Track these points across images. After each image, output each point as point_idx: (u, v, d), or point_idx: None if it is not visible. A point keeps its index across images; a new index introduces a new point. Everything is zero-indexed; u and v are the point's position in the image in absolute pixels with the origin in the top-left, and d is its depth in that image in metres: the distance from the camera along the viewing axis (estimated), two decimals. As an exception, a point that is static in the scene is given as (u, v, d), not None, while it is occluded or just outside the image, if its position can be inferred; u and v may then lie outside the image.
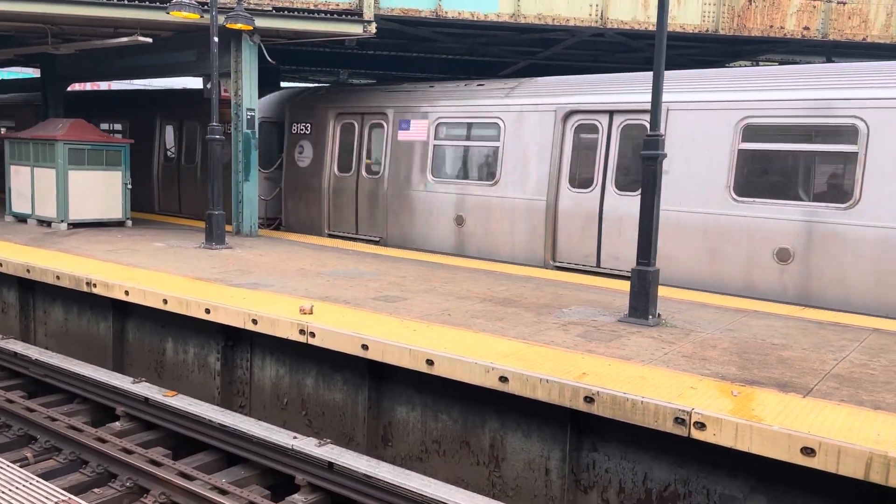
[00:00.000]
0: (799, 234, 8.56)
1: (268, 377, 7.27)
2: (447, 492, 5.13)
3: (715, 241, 9.23)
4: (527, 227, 10.98)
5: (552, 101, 10.86)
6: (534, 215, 10.88)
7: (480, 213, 11.47)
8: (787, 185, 8.98)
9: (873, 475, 4.10)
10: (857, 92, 8.44)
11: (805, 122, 8.73)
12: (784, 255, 8.64)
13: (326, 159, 13.44)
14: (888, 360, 6.02)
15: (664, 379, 5.28)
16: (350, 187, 13.25)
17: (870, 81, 8.47)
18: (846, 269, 8.29)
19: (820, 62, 15.73)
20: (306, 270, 9.44)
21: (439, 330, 6.50)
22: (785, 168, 9.11)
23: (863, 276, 8.21)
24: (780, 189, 8.98)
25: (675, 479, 5.04)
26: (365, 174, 13.04)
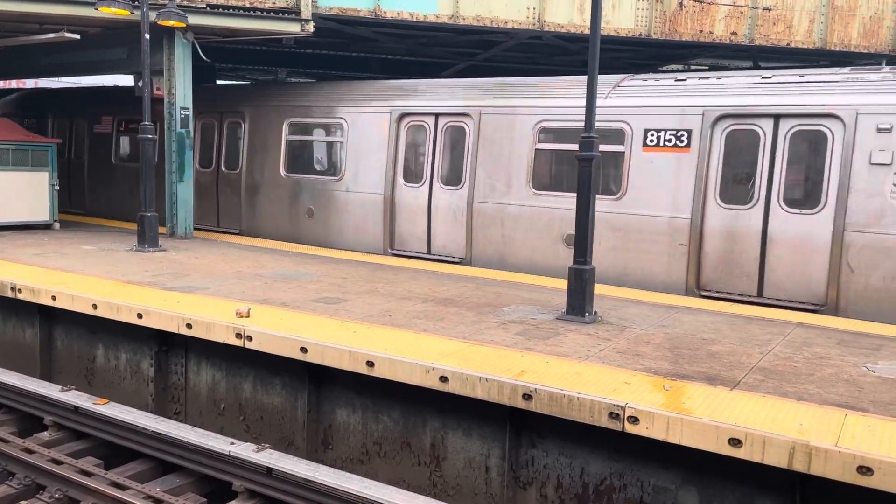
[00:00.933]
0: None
1: (204, 382, 7.13)
2: (387, 493, 5.12)
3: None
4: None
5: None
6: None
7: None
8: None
9: (796, 464, 4.29)
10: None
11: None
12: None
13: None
14: (811, 353, 6.29)
15: (600, 375, 5.40)
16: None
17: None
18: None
19: (747, 66, 16.31)
20: (244, 272, 9.29)
21: (380, 331, 6.49)
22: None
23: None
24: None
25: (610, 473, 5.15)
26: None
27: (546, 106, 10.50)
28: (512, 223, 10.71)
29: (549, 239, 10.41)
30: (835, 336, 7.00)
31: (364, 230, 12.11)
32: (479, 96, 11.20)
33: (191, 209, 12.36)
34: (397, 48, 16.75)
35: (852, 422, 4.59)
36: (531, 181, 10.54)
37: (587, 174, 7.15)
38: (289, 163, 12.96)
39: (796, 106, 8.79)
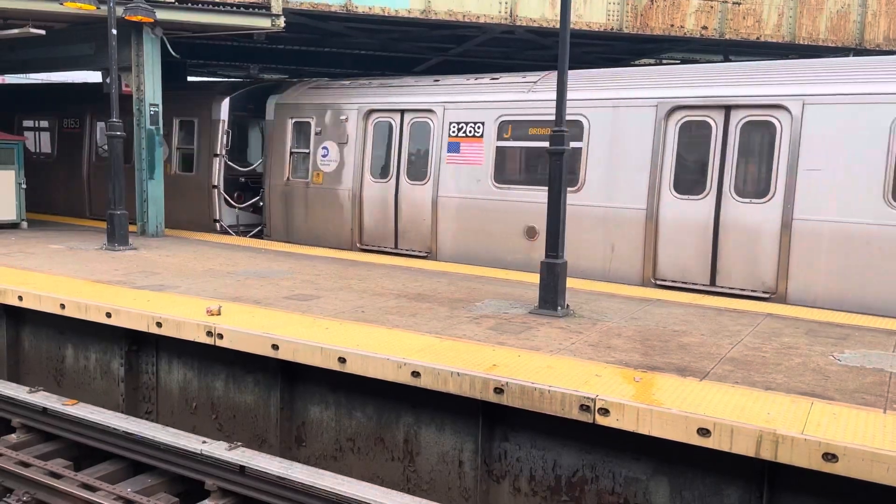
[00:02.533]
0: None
1: (175, 381, 7.06)
2: (361, 489, 5.12)
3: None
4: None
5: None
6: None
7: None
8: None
9: (763, 452, 4.35)
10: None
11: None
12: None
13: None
14: (780, 343, 6.38)
15: (571, 368, 5.43)
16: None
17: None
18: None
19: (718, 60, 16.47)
20: (215, 270, 9.20)
21: (352, 327, 6.47)
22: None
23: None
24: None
25: (582, 465, 5.19)
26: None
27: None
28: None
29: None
30: (803, 326, 7.11)
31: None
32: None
33: (161, 207, 12.21)
34: (370, 43, 16.68)
35: (818, 410, 4.67)
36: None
37: (558, 168, 7.18)
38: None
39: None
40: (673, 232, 9.32)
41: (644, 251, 9.47)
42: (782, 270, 8.60)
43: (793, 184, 8.53)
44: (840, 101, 8.39)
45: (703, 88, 9.27)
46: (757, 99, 8.84)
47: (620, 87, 9.99)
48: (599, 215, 9.81)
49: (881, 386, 5.22)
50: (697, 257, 9.19)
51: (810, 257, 8.49)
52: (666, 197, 9.34)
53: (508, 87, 10.92)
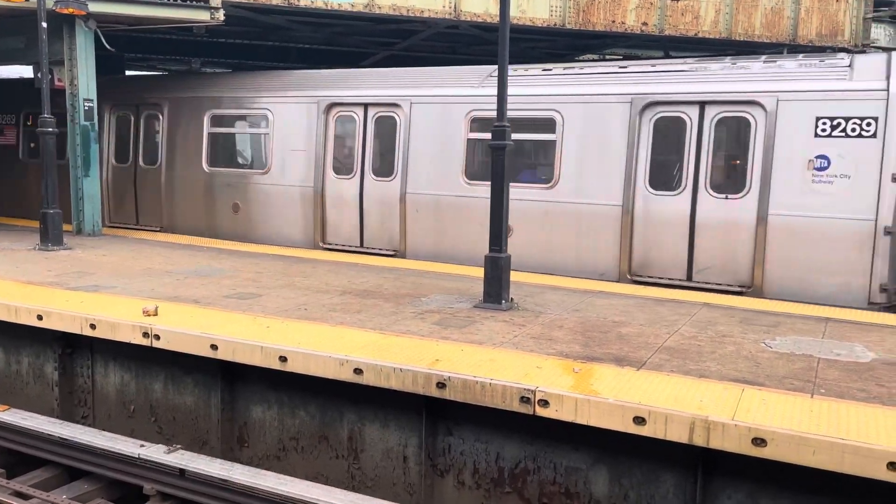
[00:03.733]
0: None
1: (112, 384, 6.88)
2: (304, 488, 5.09)
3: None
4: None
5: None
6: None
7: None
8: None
9: (696, 439, 4.47)
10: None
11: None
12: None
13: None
14: (714, 332, 6.56)
15: (513, 360, 5.48)
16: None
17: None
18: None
19: (659, 56, 16.79)
20: (154, 270, 8.99)
21: (295, 325, 6.40)
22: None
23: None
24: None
25: (524, 456, 5.24)
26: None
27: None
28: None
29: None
30: (738, 315, 7.32)
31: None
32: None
33: (98, 205, 11.87)
34: (315, 37, 16.49)
35: (749, 396, 4.81)
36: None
37: (500, 163, 7.22)
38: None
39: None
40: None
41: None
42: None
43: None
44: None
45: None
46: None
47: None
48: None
49: (809, 371, 5.42)
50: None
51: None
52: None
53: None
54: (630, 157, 9.38)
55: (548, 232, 9.88)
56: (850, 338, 6.49)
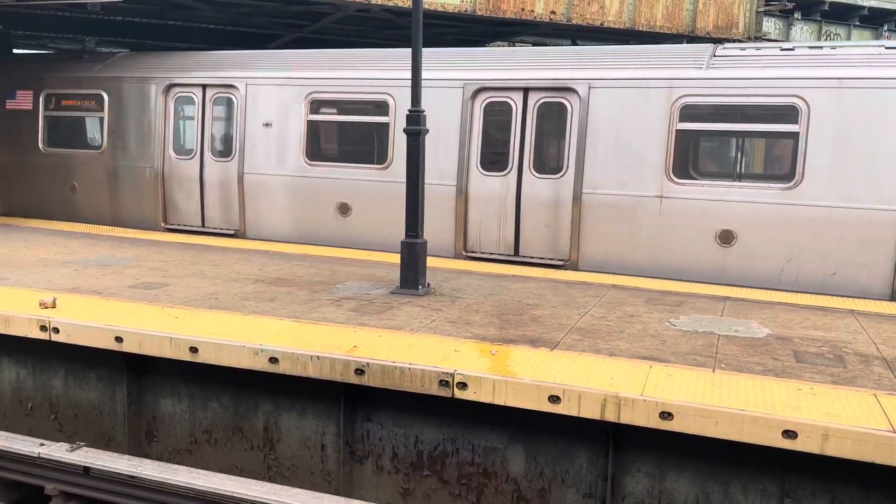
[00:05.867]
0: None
1: (7, 381, 6.48)
2: (218, 481, 4.95)
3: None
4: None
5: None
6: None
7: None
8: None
9: (608, 414, 4.63)
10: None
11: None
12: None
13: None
14: (622, 312, 6.80)
15: (431, 345, 5.51)
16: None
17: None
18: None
19: (567, 44, 17.16)
20: (50, 260, 8.51)
21: (205, 315, 6.21)
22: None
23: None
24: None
25: (443, 439, 5.30)
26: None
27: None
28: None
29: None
30: (643, 295, 7.61)
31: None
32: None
33: (-15, 192, 11.09)
34: (219, 17, 15.90)
35: (656, 372, 5.03)
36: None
37: (415, 148, 7.21)
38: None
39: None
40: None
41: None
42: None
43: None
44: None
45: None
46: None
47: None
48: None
49: (711, 347, 5.71)
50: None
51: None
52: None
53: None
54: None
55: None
56: (747, 315, 6.87)
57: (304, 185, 10.68)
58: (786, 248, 8.30)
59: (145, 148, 11.62)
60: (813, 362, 5.41)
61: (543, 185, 9.39)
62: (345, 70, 10.55)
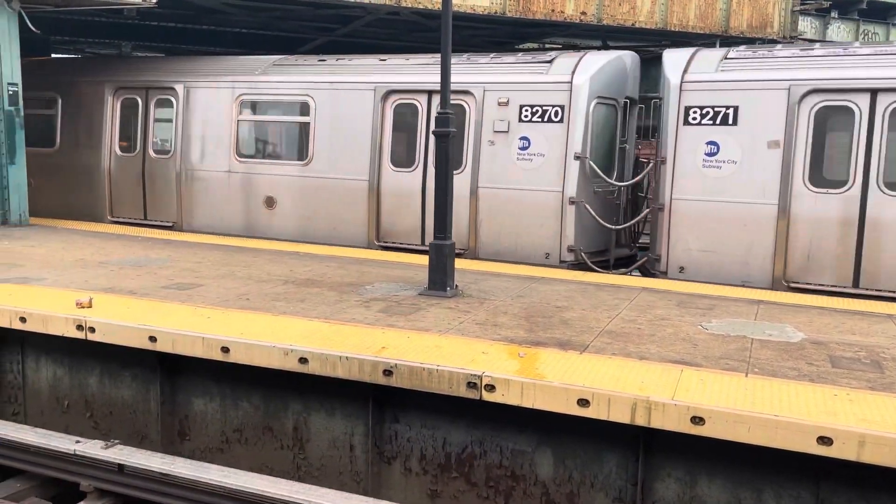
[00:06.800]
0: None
1: (44, 379, 6.62)
2: (248, 480, 5.00)
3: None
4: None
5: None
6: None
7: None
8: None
9: (638, 419, 4.58)
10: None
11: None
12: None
13: None
14: (653, 315, 6.73)
15: (458, 346, 5.51)
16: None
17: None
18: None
19: (597, 46, 17.04)
20: (87, 261, 8.68)
21: (237, 315, 6.28)
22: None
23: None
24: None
25: (471, 441, 5.29)
26: None
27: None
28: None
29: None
30: (675, 298, 7.53)
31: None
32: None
33: (25, 194, 11.37)
34: (251, 21, 16.12)
35: (687, 376, 4.96)
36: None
37: (443, 150, 7.22)
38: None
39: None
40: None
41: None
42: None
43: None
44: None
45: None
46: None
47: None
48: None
49: (744, 351, 5.62)
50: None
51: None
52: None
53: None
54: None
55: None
56: (781, 319, 6.76)
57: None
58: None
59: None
60: (849, 367, 5.30)
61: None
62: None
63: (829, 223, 8.43)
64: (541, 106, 9.74)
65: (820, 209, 8.42)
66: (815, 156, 8.49)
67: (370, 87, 10.73)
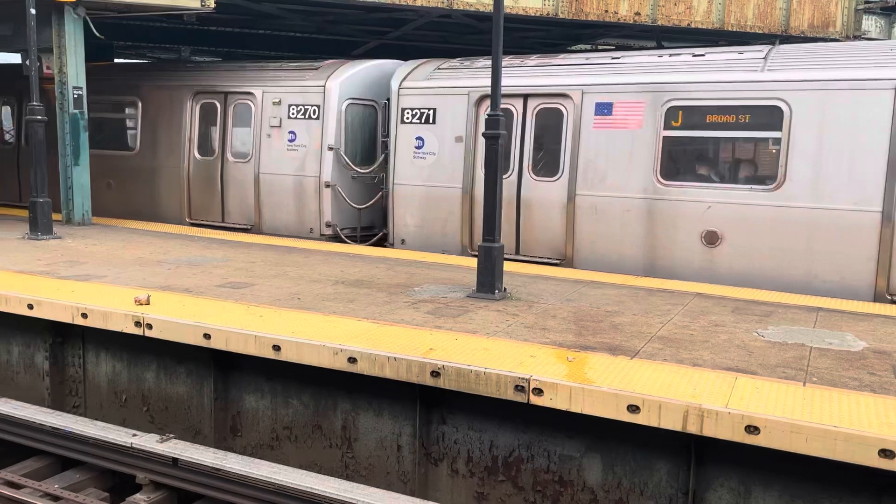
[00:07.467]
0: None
1: (103, 374, 6.84)
2: (297, 477, 5.08)
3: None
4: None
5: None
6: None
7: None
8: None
9: (689, 426, 4.48)
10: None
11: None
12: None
13: None
14: (707, 321, 6.58)
15: (506, 349, 5.48)
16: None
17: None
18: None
19: (651, 46, 16.77)
20: (146, 259, 8.94)
21: (288, 314, 6.38)
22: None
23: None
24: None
25: (518, 445, 5.26)
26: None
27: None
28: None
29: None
30: (730, 304, 7.35)
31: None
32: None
33: (88, 194, 11.77)
34: (306, 26, 16.39)
35: (742, 384, 4.83)
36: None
37: (493, 152, 7.20)
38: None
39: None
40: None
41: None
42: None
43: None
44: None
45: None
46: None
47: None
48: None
49: (801, 360, 5.45)
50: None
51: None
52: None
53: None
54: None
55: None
56: (842, 327, 6.53)
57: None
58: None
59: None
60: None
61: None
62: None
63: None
64: (304, 105, 11.69)
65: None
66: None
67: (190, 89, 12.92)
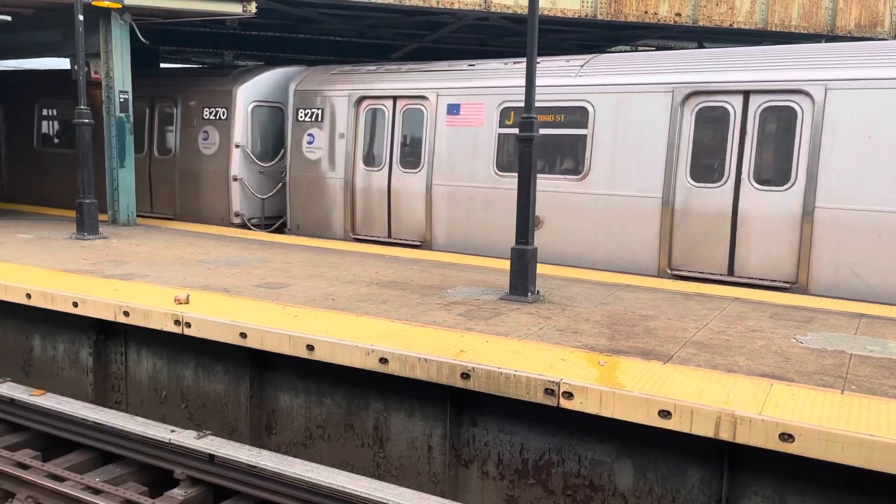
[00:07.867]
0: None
1: (144, 371, 7.02)
2: (329, 475, 5.14)
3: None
4: None
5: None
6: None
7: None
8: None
9: (722, 433, 4.42)
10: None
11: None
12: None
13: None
14: (744, 327, 6.47)
15: (537, 352, 5.48)
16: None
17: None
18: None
19: (692, 47, 16.54)
20: (187, 259, 9.14)
21: (322, 315, 6.47)
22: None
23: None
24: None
25: (549, 448, 5.24)
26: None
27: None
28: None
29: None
30: (769, 310, 7.21)
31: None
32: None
33: (132, 195, 12.08)
34: (345, 30, 16.57)
35: (777, 391, 4.75)
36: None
37: (528, 154, 7.20)
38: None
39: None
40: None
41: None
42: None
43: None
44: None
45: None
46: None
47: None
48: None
49: (840, 367, 5.33)
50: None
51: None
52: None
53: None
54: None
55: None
56: (884, 334, 6.36)
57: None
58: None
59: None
60: (960, 389, 4.93)
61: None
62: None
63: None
64: (216, 107, 12.83)
65: (369, 181, 11.80)
66: (366, 143, 11.81)
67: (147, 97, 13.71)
